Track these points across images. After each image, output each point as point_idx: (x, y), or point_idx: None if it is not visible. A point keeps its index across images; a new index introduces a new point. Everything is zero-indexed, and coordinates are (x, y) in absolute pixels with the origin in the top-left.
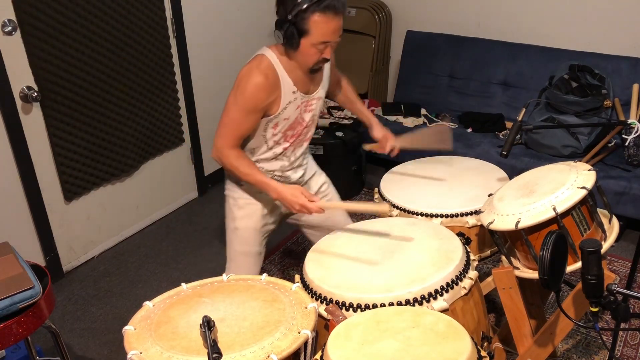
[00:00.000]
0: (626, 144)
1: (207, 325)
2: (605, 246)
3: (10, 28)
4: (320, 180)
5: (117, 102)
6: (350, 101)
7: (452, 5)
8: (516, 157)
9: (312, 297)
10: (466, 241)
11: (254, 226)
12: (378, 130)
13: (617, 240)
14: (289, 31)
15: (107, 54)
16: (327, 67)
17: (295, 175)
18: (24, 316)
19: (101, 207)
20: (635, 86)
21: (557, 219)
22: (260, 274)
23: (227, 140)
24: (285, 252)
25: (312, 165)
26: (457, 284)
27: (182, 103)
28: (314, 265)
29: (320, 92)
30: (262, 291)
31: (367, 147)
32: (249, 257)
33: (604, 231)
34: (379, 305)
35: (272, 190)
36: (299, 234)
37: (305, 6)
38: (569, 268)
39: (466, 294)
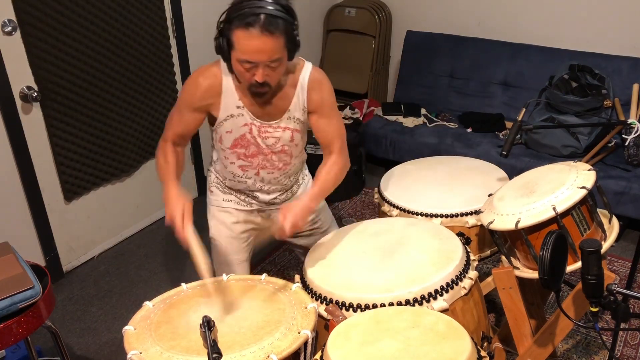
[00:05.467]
0: (626, 144)
1: (207, 325)
2: (605, 246)
3: (10, 28)
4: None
5: (117, 102)
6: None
7: (452, 5)
8: (516, 157)
9: (312, 297)
10: (466, 241)
11: (229, 234)
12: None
13: (617, 240)
14: (219, 41)
15: (107, 54)
16: (298, 97)
17: (266, 197)
18: (24, 316)
19: (101, 207)
20: (635, 86)
21: (557, 219)
22: (260, 274)
23: (165, 133)
24: (285, 252)
25: (306, 189)
26: (457, 284)
27: None
28: (314, 265)
29: (286, 122)
30: (262, 291)
31: None
32: (230, 267)
33: (604, 231)
34: (379, 305)
35: (164, 190)
36: None
37: (230, 17)
38: (569, 268)
39: (466, 294)
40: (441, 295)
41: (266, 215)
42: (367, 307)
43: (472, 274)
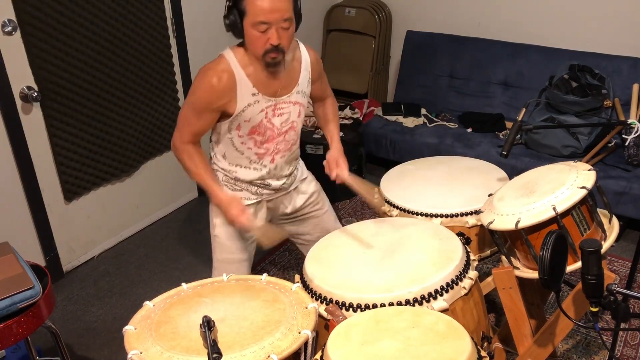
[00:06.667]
0: (626, 144)
1: (207, 325)
2: (605, 246)
3: (10, 28)
4: (310, 188)
5: (117, 102)
6: (326, 118)
7: (452, 5)
8: (516, 157)
9: (312, 297)
10: (466, 241)
11: (233, 232)
12: (330, 152)
13: (617, 240)
14: (232, 15)
15: (107, 54)
16: (304, 71)
17: (277, 183)
18: (24, 316)
19: (101, 207)
20: (635, 86)
21: (557, 219)
22: (260, 274)
23: (181, 135)
24: (285, 252)
25: (302, 172)
26: (457, 284)
27: (182, 103)
28: (314, 265)
29: (295, 96)
30: (262, 291)
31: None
32: (231, 265)
33: (604, 231)
34: (379, 305)
35: (213, 196)
36: None
37: None
38: (569, 268)
39: (466, 294)
40: (441, 295)
41: (273, 205)
42: (367, 307)
43: (472, 274)
